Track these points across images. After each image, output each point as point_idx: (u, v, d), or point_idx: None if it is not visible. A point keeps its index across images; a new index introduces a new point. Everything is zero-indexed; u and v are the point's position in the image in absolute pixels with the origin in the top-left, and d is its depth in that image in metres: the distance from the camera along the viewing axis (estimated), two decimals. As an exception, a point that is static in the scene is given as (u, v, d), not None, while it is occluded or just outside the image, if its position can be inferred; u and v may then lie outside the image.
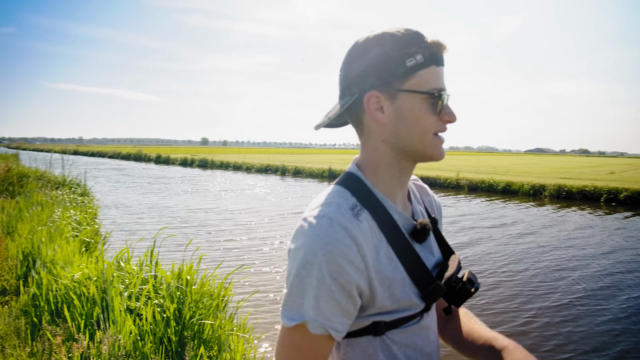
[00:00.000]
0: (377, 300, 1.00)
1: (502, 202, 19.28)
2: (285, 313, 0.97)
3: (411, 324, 1.08)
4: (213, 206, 16.11)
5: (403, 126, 1.04)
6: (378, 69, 1.02)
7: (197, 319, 3.90)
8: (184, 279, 4.43)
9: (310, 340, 0.96)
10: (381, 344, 1.05)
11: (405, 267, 1.04)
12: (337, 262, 0.92)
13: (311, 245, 0.93)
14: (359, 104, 1.06)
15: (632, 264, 9.02)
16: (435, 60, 1.03)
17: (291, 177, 32.78)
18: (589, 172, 35.44)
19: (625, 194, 19.66)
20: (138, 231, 10.63)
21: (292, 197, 19.59)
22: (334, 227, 0.94)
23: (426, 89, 1.02)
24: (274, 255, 9.10)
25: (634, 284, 7.67)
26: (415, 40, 1.02)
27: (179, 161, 49.42)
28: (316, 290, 0.93)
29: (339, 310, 0.95)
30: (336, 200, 1.01)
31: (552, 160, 76.89)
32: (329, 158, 55.09)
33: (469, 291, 1.13)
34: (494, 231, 12.25)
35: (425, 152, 1.07)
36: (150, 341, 3.64)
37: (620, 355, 5.20)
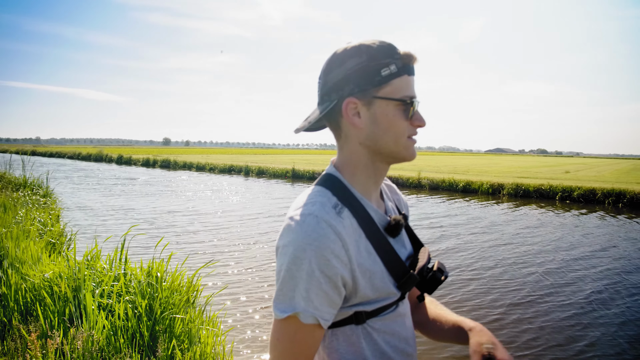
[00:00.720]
0: (359, 290, 1.09)
1: (465, 201, 19.77)
2: (277, 306, 1.05)
3: (389, 312, 1.19)
4: (180, 207, 16.05)
5: (378, 130, 1.14)
6: (356, 77, 1.12)
7: (168, 314, 4.02)
8: (154, 275, 4.55)
9: (303, 330, 1.04)
10: (363, 332, 1.15)
11: (383, 259, 1.14)
12: (325, 256, 1.01)
13: (300, 242, 1.02)
14: (337, 109, 1.16)
15: (592, 260, 9.44)
16: (407, 70, 1.14)
17: (255, 177, 32.78)
18: (546, 171, 36.53)
19: (578, 192, 20.49)
20: (104, 232, 10.57)
21: (258, 197, 19.64)
22: (320, 224, 1.03)
23: (399, 97, 1.13)
24: (242, 254, 9.22)
25: (597, 277, 8.07)
26: (389, 51, 1.13)
27: (141, 162, 48.72)
28: (306, 283, 1.01)
29: (326, 301, 1.04)
30: (319, 200, 1.10)
31: (511, 160, 78.69)
32: (292, 158, 55.17)
33: (440, 279, 1.25)
34: (460, 229, 12.62)
35: (399, 154, 1.18)
36: (123, 336, 3.75)
37: (588, 345, 5.47)
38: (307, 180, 29.82)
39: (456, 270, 8.29)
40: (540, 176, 28.77)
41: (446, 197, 21.25)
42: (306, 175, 30.93)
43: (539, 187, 21.82)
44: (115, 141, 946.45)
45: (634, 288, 7.54)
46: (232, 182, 27.55)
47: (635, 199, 19.03)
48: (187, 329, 4.06)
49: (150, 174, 33.44)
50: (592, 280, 7.92)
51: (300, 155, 71.88)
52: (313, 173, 30.75)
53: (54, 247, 7.15)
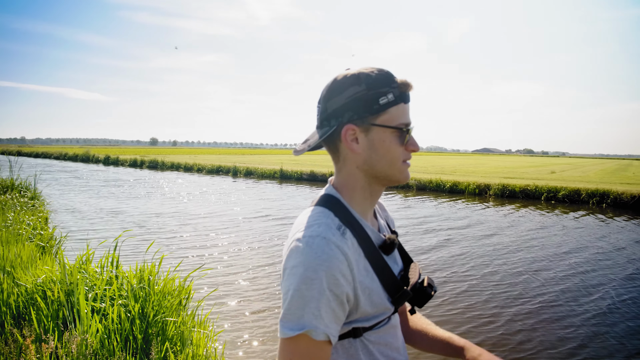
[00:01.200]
0: (360, 307, 1.15)
1: (453, 201, 19.93)
2: (286, 325, 1.07)
3: (382, 324, 1.26)
4: (170, 209, 16.01)
5: (375, 155, 1.21)
6: (355, 105, 1.18)
7: (160, 317, 4.09)
8: (146, 279, 4.61)
9: (315, 347, 1.07)
10: (360, 345, 1.22)
11: (379, 277, 1.20)
12: (335, 276, 1.07)
13: (311, 263, 1.06)
14: (336, 134, 1.22)
15: (587, 265, 9.59)
16: (404, 99, 1.21)
17: (243, 177, 32.77)
18: (532, 171, 36.89)
19: (564, 193, 20.75)
20: (94, 235, 10.58)
21: (248, 199, 19.64)
22: (329, 246, 1.09)
23: (395, 124, 1.19)
24: (233, 256, 9.27)
25: (596, 283, 8.09)
26: (387, 80, 1.19)
27: (128, 162, 48.50)
28: (317, 302, 1.05)
29: (334, 318, 1.09)
30: (324, 221, 1.16)
31: (498, 160, 79.24)
32: (280, 159, 55.16)
33: (430, 294, 1.31)
34: (456, 232, 12.76)
35: (394, 177, 1.25)
36: (116, 340, 3.82)
37: (579, 349, 5.54)
38: (295, 180, 29.87)
39: (448, 273, 8.41)
40: (526, 176, 29.06)
41: (433, 197, 21.43)
42: (294, 175, 30.97)
43: (524, 188, 22.06)
44: (102, 141, 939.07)
45: (613, 286, 7.71)
46: (220, 183, 27.50)
47: (618, 199, 19.32)
48: (180, 332, 4.14)
49: (138, 175, 33.30)
50: (591, 285, 8.01)
51: (288, 156, 71.79)
52: (301, 174, 30.80)
53: (43, 250, 7.17)
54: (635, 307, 6.84)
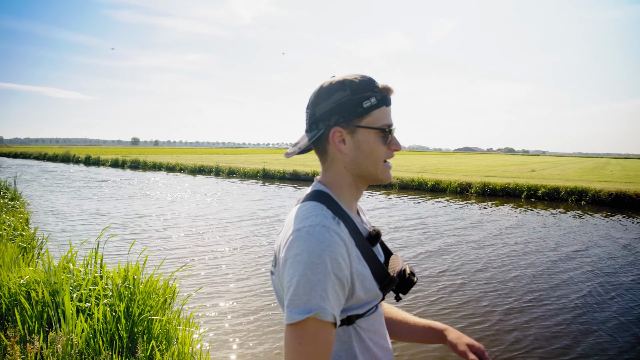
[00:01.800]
0: (355, 292, 1.22)
1: (435, 200, 20.09)
2: (293, 310, 1.12)
3: (371, 312, 1.34)
4: (153, 209, 15.94)
5: (361, 155, 1.31)
6: (341, 109, 1.28)
7: (146, 316, 4.12)
8: (130, 278, 4.62)
9: (323, 329, 1.12)
10: (353, 332, 1.29)
11: (369, 265, 1.27)
12: (337, 260, 1.14)
13: (315, 249, 1.12)
14: (324, 137, 1.32)
15: (570, 261, 9.78)
16: (385, 102, 1.31)
17: (225, 177, 32.67)
18: (513, 170, 37.29)
19: (543, 191, 21.06)
20: (77, 237, 10.49)
21: (230, 198, 19.60)
22: (330, 232, 1.16)
23: (378, 126, 1.29)
24: (217, 256, 9.27)
25: (580, 280, 8.24)
26: (370, 85, 1.29)
27: (109, 162, 47.99)
28: (324, 285, 1.11)
29: (337, 301, 1.15)
30: (320, 212, 1.23)
31: (480, 159, 79.97)
32: (263, 158, 55.12)
33: (413, 282, 1.39)
34: (438, 229, 12.89)
35: (377, 176, 1.35)
36: (102, 339, 3.83)
37: (569, 347, 5.61)
38: (278, 180, 29.87)
39: (432, 270, 8.51)
40: (507, 175, 29.41)
41: (415, 196, 21.60)
42: (277, 175, 30.97)
43: (505, 186, 22.35)
44: (82, 141, 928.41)
45: (599, 282, 7.88)
46: (203, 183, 27.39)
47: (596, 196, 19.70)
48: (165, 330, 4.16)
49: (120, 175, 32.99)
50: (574, 282, 8.18)
51: (270, 155, 71.73)
52: (284, 173, 30.81)
53: (25, 251, 7.13)
54: (623, 302, 7.00)
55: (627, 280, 8.09)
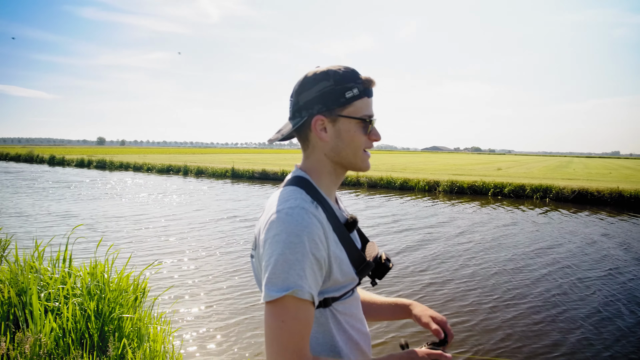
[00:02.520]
0: (332, 274, 1.25)
1: (403, 198, 20.28)
2: (271, 288, 1.13)
3: (348, 296, 1.37)
4: (122, 210, 15.69)
5: (341, 143, 1.35)
6: (324, 98, 1.32)
7: (116, 314, 4.07)
8: (100, 276, 4.57)
9: (303, 307, 1.15)
10: (330, 314, 1.32)
11: (346, 249, 1.30)
12: (315, 240, 1.17)
13: (293, 229, 1.16)
14: (307, 124, 1.35)
15: (546, 256, 10.00)
16: (367, 93, 1.35)
17: (194, 177, 32.37)
18: (479, 168, 37.92)
19: (509, 188, 21.48)
20: (43, 237, 10.26)
21: (199, 197, 19.44)
22: (308, 214, 1.20)
23: (360, 116, 1.33)
24: (186, 254, 9.20)
25: (558, 276, 8.52)
26: (353, 76, 1.33)
27: (75, 162, 46.92)
28: (302, 264, 1.14)
29: (314, 280, 1.17)
30: (299, 196, 1.26)
31: (447, 158, 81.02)
32: (231, 158, 54.83)
33: (388, 267, 1.43)
34: (407, 225, 13.01)
35: (357, 164, 1.39)
36: (72, 338, 3.78)
37: (558, 343, 5.81)
38: (247, 179, 29.75)
39: (409, 268, 8.60)
40: (474, 173, 29.91)
41: (384, 194, 21.80)
42: (246, 174, 30.84)
43: (472, 184, 22.74)
44: (46, 141, 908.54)
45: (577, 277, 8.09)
46: (171, 183, 27.06)
47: (560, 193, 20.25)
48: (137, 328, 4.13)
49: (86, 176, 32.34)
50: (543, 276, 8.39)
51: (239, 155, 71.38)
52: (253, 172, 30.71)
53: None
54: (602, 296, 7.19)
55: (603, 275, 8.34)
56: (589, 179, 26.21)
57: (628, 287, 7.62)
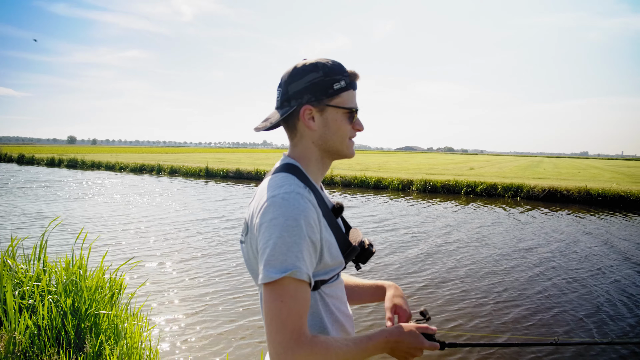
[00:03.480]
0: (323, 257, 1.31)
1: (378, 196, 20.42)
2: (270, 270, 1.17)
3: (334, 279, 1.44)
4: (96, 209, 15.45)
5: (329, 132, 1.42)
6: (313, 89, 1.38)
7: (93, 311, 4.05)
8: (76, 272, 4.53)
9: (301, 287, 1.19)
10: (318, 297, 1.38)
11: (334, 234, 1.37)
12: (311, 224, 1.23)
13: (291, 213, 1.21)
14: (295, 114, 1.41)
15: (507, 252, 10.16)
16: (353, 86, 1.44)
17: (167, 176, 32.07)
18: (452, 168, 38.35)
19: (482, 187, 21.81)
20: (16, 235, 10.10)
21: (173, 196, 19.28)
22: (304, 199, 1.25)
23: (347, 106, 1.41)
24: (162, 252, 9.13)
25: (510, 266, 8.75)
26: (340, 69, 1.41)
27: (45, 161, 46.00)
28: (299, 246, 1.19)
29: (310, 262, 1.23)
30: (292, 182, 1.32)
31: (420, 158, 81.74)
32: (205, 157, 54.46)
33: (372, 252, 1.51)
34: (381, 223, 13.10)
35: (343, 151, 1.47)
36: (47, 336, 3.76)
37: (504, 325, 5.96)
38: (221, 178, 29.61)
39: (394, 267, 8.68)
40: (447, 172, 30.28)
41: (359, 193, 21.92)
42: (220, 173, 30.70)
43: (445, 183, 23.01)
44: (14, 139, 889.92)
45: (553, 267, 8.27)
46: (145, 182, 26.77)
47: (531, 192, 20.69)
48: (114, 325, 4.12)
49: (58, 175, 31.76)
50: (505, 269, 8.55)
51: (213, 154, 70.88)
52: (227, 171, 30.58)
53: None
54: (583, 288, 7.38)
55: (590, 270, 8.57)
56: (559, 178, 26.79)
57: (620, 283, 7.81)
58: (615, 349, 5.30)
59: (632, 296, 7.09)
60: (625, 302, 6.81)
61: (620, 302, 6.80)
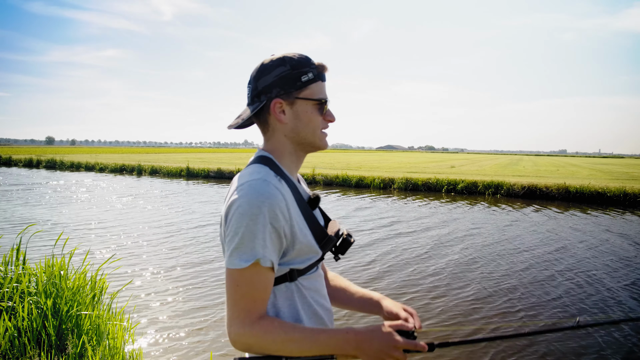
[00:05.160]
0: (296, 243, 1.34)
1: (359, 195, 20.48)
2: (239, 257, 1.25)
3: (312, 272, 1.46)
4: (76, 210, 15.28)
5: (300, 124, 1.44)
6: (281, 82, 1.41)
7: (74, 312, 4.02)
8: (57, 273, 4.49)
9: (260, 273, 1.26)
10: (295, 289, 1.40)
11: (308, 224, 1.40)
12: (274, 211, 1.26)
13: (254, 200, 1.25)
14: (266, 108, 1.44)
15: (487, 248, 10.26)
16: (321, 77, 1.46)
17: (148, 176, 31.78)
18: (433, 166, 38.63)
19: (462, 185, 22.01)
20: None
21: (154, 196, 19.15)
22: (270, 186, 1.28)
23: (316, 97, 1.43)
24: (144, 251, 9.07)
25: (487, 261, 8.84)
26: (307, 62, 1.43)
27: (23, 162, 45.28)
28: (263, 234, 1.24)
29: (275, 249, 1.28)
30: (263, 170, 1.36)
31: (402, 156, 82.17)
32: (186, 157, 54.13)
33: (350, 242, 1.54)
34: (363, 221, 13.14)
35: (315, 143, 1.48)
36: (28, 338, 3.72)
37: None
38: (203, 178, 29.44)
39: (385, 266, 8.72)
40: (428, 171, 30.53)
41: (340, 192, 21.95)
42: (201, 173, 30.52)
43: (426, 181, 23.15)
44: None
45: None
46: (125, 182, 26.50)
47: (510, 189, 20.91)
48: (96, 325, 4.08)
49: (37, 176, 31.27)
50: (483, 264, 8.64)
51: (194, 154, 70.46)
52: (208, 171, 30.43)
53: None
54: (570, 283, 7.44)
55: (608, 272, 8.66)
56: (538, 175, 27.13)
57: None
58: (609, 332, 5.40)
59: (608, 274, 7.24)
60: (599, 280, 6.96)
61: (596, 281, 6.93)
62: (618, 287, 7.37)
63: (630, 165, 54.04)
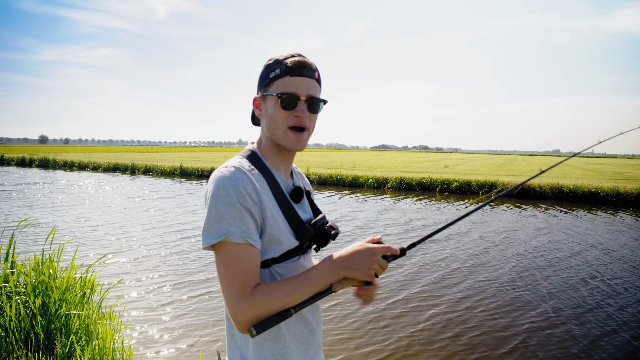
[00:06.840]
0: (267, 227, 1.38)
1: (354, 194, 20.47)
2: (206, 236, 1.31)
3: (292, 261, 1.47)
4: (67, 209, 15.22)
5: (268, 120, 1.49)
6: (259, 81, 1.52)
7: (63, 311, 3.97)
8: (46, 272, 4.44)
9: (241, 249, 1.31)
10: (269, 274, 1.42)
11: (284, 213, 1.45)
12: (241, 192, 1.31)
13: (223, 183, 1.31)
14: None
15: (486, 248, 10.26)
16: (289, 72, 1.44)
17: (141, 175, 31.68)
18: (427, 166, 38.69)
19: (456, 185, 22.04)
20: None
21: (146, 195, 19.07)
22: (237, 171, 1.35)
23: (277, 92, 1.44)
24: (134, 251, 9.04)
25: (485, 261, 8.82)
26: (280, 61, 1.46)
27: (15, 161, 45.04)
28: (230, 213, 1.29)
29: (249, 226, 1.32)
30: (238, 160, 1.43)
31: (396, 156, 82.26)
32: (180, 156, 53.96)
33: (330, 234, 1.54)
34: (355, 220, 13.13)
35: (280, 141, 1.48)
36: (15, 338, 3.67)
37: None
38: (196, 178, 29.36)
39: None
40: (422, 170, 30.55)
41: (334, 191, 21.94)
42: (195, 173, 30.46)
43: (420, 181, 23.20)
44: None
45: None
46: (118, 181, 26.41)
47: (504, 189, 20.79)
48: (85, 325, 4.04)
49: (30, 175, 31.11)
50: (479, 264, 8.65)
51: (188, 153, 70.25)
52: (202, 171, 30.36)
53: None
54: (566, 284, 7.44)
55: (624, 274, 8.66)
56: (532, 175, 27.09)
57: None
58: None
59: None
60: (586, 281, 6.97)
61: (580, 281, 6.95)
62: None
63: (623, 165, 54.36)
